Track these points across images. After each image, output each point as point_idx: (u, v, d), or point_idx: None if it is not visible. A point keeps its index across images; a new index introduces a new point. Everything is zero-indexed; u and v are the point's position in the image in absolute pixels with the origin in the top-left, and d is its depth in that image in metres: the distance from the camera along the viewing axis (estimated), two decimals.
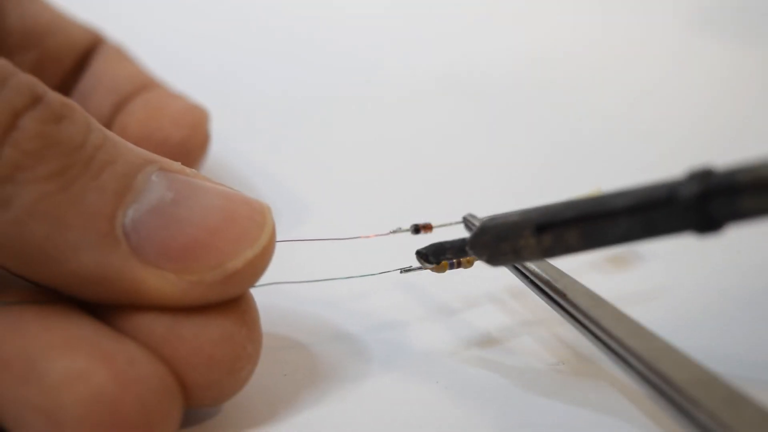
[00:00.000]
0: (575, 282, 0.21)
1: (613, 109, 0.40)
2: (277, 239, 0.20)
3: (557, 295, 0.21)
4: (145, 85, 0.29)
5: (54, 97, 0.18)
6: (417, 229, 0.26)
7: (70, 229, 0.18)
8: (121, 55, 0.30)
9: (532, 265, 0.23)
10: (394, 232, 0.25)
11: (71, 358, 0.17)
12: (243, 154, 0.35)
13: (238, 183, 0.33)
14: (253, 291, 0.20)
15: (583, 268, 0.27)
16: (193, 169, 0.20)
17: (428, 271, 0.23)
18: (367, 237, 0.26)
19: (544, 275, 0.22)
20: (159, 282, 0.18)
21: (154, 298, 0.18)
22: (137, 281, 0.18)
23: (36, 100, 0.18)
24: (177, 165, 0.20)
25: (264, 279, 0.20)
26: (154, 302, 0.18)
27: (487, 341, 0.23)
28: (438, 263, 0.24)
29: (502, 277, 0.24)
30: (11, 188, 0.17)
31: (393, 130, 0.39)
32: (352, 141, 0.37)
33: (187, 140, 0.28)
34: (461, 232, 0.26)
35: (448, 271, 0.23)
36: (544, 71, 0.42)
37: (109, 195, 0.18)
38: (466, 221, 0.26)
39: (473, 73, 0.45)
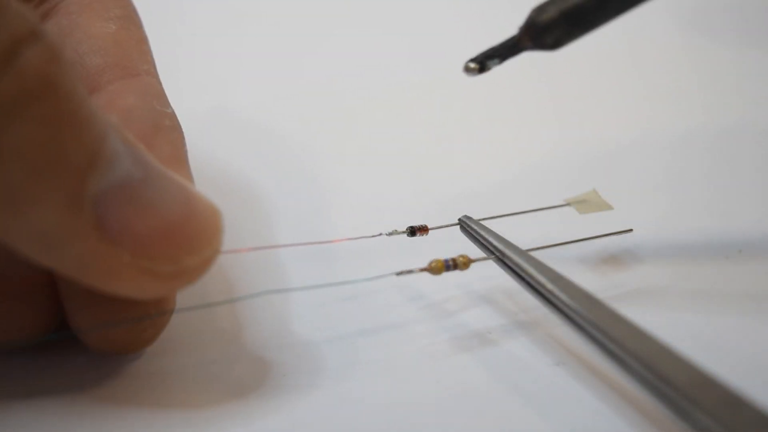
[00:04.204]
0: (571, 283, 0.21)
1: (611, 109, 0.40)
2: (276, 244, 0.20)
3: (554, 297, 0.21)
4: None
5: (54, 36, 0.17)
6: (413, 231, 0.26)
7: (43, 181, 0.17)
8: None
9: (529, 267, 0.22)
10: (390, 234, 0.25)
11: None
12: (241, 154, 0.35)
13: (236, 183, 0.33)
14: (251, 300, 0.20)
15: (579, 268, 0.27)
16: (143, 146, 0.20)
17: (424, 273, 0.23)
18: (365, 238, 0.26)
19: (540, 277, 0.22)
20: (112, 259, 0.18)
21: (102, 275, 0.18)
22: (91, 253, 0.18)
23: (36, 34, 0.17)
24: (132, 136, 0.19)
25: (262, 286, 0.20)
26: (101, 279, 0.18)
27: (485, 342, 0.23)
28: (487, 68, 0.24)
29: (499, 278, 0.24)
30: (0, 121, 0.16)
31: (390, 132, 0.39)
32: (348, 143, 0.37)
33: None
34: (457, 235, 0.26)
35: (444, 273, 0.23)
36: (541, 71, 0.42)
37: (86, 155, 0.17)
38: (462, 223, 0.26)
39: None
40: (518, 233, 0.24)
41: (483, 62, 0.23)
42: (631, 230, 0.26)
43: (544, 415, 0.20)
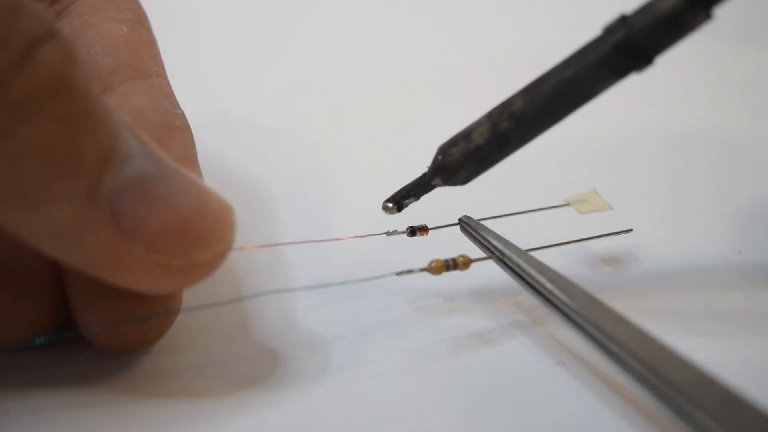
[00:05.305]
0: (572, 283, 0.21)
1: (611, 109, 0.40)
2: (273, 242, 0.20)
3: (554, 297, 0.21)
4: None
5: (69, 35, 0.18)
6: (413, 231, 0.26)
7: (59, 178, 0.17)
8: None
9: (529, 267, 0.22)
10: (390, 234, 0.25)
11: None
12: (247, 154, 0.35)
13: (241, 183, 0.33)
14: (252, 299, 0.20)
15: (579, 268, 0.27)
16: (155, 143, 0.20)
17: (424, 273, 0.23)
18: (363, 236, 0.26)
19: (540, 277, 0.22)
20: (127, 254, 0.18)
21: (117, 269, 0.18)
22: (107, 247, 0.18)
23: (52, 34, 0.17)
24: (144, 134, 0.19)
25: (266, 284, 0.20)
26: (116, 273, 0.18)
27: (485, 342, 0.23)
28: (403, 207, 0.25)
29: (499, 278, 0.24)
30: (16, 120, 0.16)
31: (391, 132, 0.39)
32: (350, 142, 0.37)
33: None
34: (457, 235, 0.26)
35: (444, 273, 0.23)
36: (542, 71, 0.42)
37: (101, 152, 0.18)
38: (462, 223, 0.26)
39: (469, 72, 0.45)
40: (518, 233, 0.24)
41: (399, 202, 0.25)
42: (631, 230, 0.26)
43: (544, 415, 0.20)
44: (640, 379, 0.18)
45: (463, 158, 0.23)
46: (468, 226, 0.25)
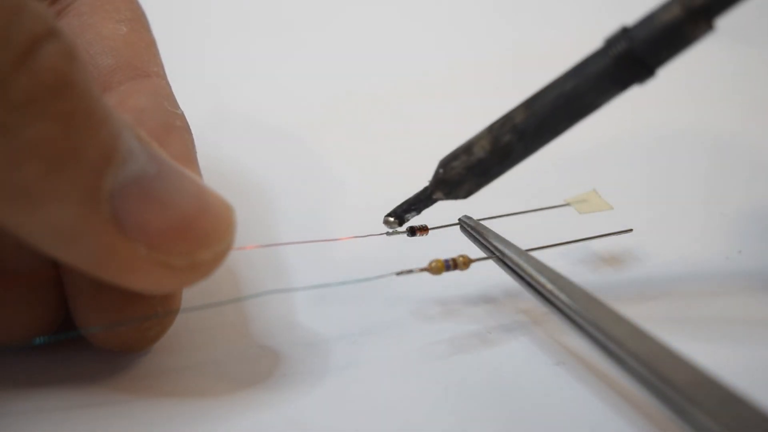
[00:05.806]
0: (572, 283, 0.21)
1: (612, 109, 0.40)
2: (273, 242, 0.20)
3: (554, 297, 0.21)
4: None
5: (70, 35, 0.18)
6: (413, 231, 0.26)
7: (60, 177, 0.17)
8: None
9: (529, 267, 0.22)
10: (390, 234, 0.25)
11: None
12: (245, 154, 0.35)
13: (240, 183, 0.33)
14: (252, 299, 0.20)
15: (579, 268, 0.27)
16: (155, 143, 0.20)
17: (424, 273, 0.23)
18: (363, 237, 0.26)
19: (540, 277, 0.22)
20: (128, 253, 0.18)
21: (118, 269, 0.18)
22: (108, 247, 0.18)
23: (53, 33, 0.17)
24: (145, 134, 0.19)
25: (266, 284, 0.20)
26: (117, 272, 0.19)
27: (485, 342, 0.23)
28: (404, 221, 0.25)
29: (499, 279, 0.24)
30: (18, 119, 0.17)
31: (390, 132, 0.39)
32: (349, 143, 0.37)
33: None
34: (457, 235, 0.26)
35: (444, 273, 0.23)
36: (542, 70, 0.42)
37: (102, 151, 0.18)
38: (462, 223, 0.26)
39: (471, 72, 0.45)
40: (518, 233, 0.24)
41: (401, 216, 0.25)
42: (631, 230, 0.26)
43: (544, 415, 0.20)
44: (640, 379, 0.18)
45: (465, 172, 0.23)
46: (468, 226, 0.25)
